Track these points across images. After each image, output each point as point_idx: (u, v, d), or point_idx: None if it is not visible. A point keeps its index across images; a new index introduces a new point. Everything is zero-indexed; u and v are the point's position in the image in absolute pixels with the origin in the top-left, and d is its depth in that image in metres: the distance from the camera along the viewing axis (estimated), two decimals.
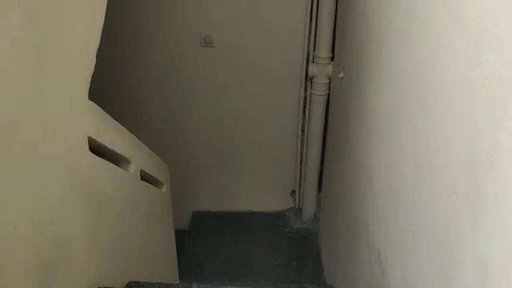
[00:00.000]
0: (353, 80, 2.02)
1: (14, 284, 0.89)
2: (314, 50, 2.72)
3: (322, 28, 2.59)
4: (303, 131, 3.10)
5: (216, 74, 2.91)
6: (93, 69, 1.17)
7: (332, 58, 2.67)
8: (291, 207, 3.49)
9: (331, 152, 2.75)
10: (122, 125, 1.51)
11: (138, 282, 1.58)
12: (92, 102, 1.21)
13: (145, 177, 1.87)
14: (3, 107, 0.82)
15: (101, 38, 1.19)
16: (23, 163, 0.90)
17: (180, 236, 2.93)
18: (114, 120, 1.42)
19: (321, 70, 2.72)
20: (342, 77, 2.23)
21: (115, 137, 1.45)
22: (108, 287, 1.36)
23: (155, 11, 2.69)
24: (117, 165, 1.52)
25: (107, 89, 2.49)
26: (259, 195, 3.44)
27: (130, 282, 1.55)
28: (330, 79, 2.73)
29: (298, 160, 3.22)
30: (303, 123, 3.07)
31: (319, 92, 2.81)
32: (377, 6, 1.56)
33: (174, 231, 2.64)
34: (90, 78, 1.17)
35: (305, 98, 2.94)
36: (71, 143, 1.13)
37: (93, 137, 1.23)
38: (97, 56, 1.18)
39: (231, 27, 2.73)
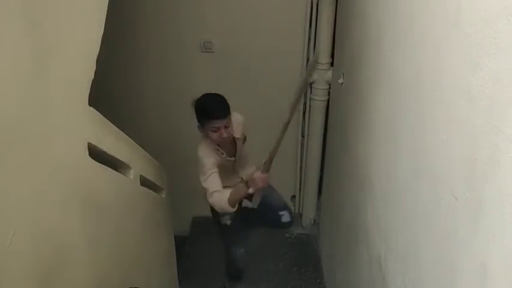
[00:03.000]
0: (352, 85, 2.02)
1: None
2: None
3: (321, 34, 2.60)
4: (302, 136, 3.10)
5: (215, 80, 2.91)
6: (92, 76, 1.17)
7: (331, 64, 2.68)
8: None
9: (331, 157, 2.75)
10: (122, 130, 1.52)
11: None
12: (91, 108, 1.21)
13: (144, 182, 1.87)
14: (3, 114, 0.82)
15: (101, 44, 1.20)
16: (22, 169, 0.90)
17: (180, 241, 2.92)
18: (113, 126, 1.42)
19: (321, 76, 2.73)
20: (342, 83, 2.24)
21: (115, 142, 1.45)
22: None
23: (155, 16, 2.70)
24: (117, 170, 1.52)
25: (107, 94, 2.50)
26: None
27: None
28: (329, 85, 2.74)
29: (298, 165, 3.22)
30: (302, 128, 3.07)
31: (318, 98, 2.82)
32: (376, 13, 1.56)
33: (173, 236, 2.64)
34: (90, 85, 1.17)
35: (305, 103, 2.95)
36: (71, 149, 1.13)
37: (93, 142, 1.23)
38: (97, 62, 1.18)
39: (230, 33, 2.74)
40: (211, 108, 1.98)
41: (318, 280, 2.89)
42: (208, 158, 2.05)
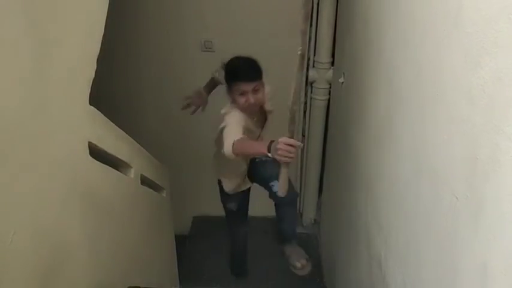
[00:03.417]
0: (353, 85, 2.02)
1: None
2: (314, 54, 2.73)
3: (322, 33, 2.60)
4: (303, 135, 3.10)
5: None
6: (93, 75, 1.17)
7: (332, 63, 2.68)
8: None
9: (332, 156, 2.75)
10: (123, 129, 1.51)
11: (138, 287, 1.57)
12: (92, 107, 1.21)
13: (145, 181, 1.87)
14: (4, 113, 0.82)
15: (102, 44, 1.20)
16: (22, 169, 0.90)
17: (181, 240, 2.92)
18: (114, 125, 1.42)
19: (321, 75, 2.72)
20: (342, 82, 2.23)
21: (115, 141, 1.45)
22: None
23: (156, 15, 2.70)
24: (117, 170, 1.52)
25: (108, 94, 2.50)
26: (260, 199, 3.42)
27: (129, 287, 1.54)
28: (330, 84, 2.74)
29: (299, 165, 3.22)
30: (303, 128, 3.07)
31: (319, 97, 2.81)
32: (377, 12, 1.56)
33: (174, 235, 2.64)
34: (91, 84, 1.18)
35: (305, 102, 2.95)
36: (71, 148, 1.13)
37: (94, 141, 1.23)
38: (97, 61, 1.18)
39: (231, 33, 2.74)
40: (239, 69, 1.86)
41: (318, 280, 2.89)
42: (234, 117, 1.80)
